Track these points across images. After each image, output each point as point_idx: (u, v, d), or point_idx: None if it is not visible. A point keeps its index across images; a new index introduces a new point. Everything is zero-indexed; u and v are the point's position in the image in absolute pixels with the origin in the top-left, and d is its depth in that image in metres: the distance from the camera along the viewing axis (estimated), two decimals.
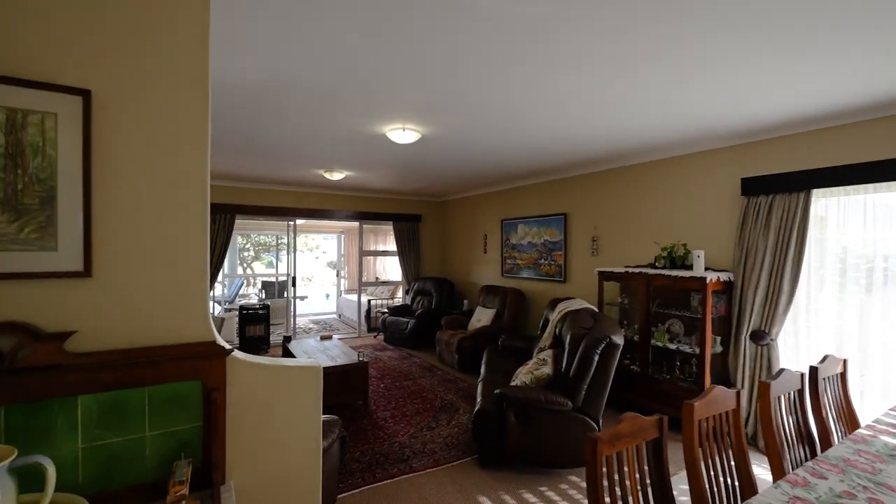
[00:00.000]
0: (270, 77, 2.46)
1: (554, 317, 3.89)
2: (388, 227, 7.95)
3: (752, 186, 3.40)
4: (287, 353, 4.84)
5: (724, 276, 3.46)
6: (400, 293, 9.06)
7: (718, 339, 3.57)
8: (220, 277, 10.06)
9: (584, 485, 2.80)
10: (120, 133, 1.24)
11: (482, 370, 3.99)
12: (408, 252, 7.65)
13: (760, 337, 3.30)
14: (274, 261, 12.74)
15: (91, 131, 1.20)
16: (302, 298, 13.45)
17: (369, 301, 8.16)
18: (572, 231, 5.22)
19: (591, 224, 4.95)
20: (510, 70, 2.33)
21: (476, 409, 3.01)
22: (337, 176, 5.40)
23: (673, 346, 3.69)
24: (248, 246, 13.72)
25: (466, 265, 7.37)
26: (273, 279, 10.86)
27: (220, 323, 5.95)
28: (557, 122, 3.27)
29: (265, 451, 1.46)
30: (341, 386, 4.04)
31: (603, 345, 2.81)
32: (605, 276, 4.25)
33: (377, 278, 11.08)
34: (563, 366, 3.02)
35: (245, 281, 12.34)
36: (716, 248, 3.73)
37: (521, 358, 4.37)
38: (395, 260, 7.89)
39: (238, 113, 3.10)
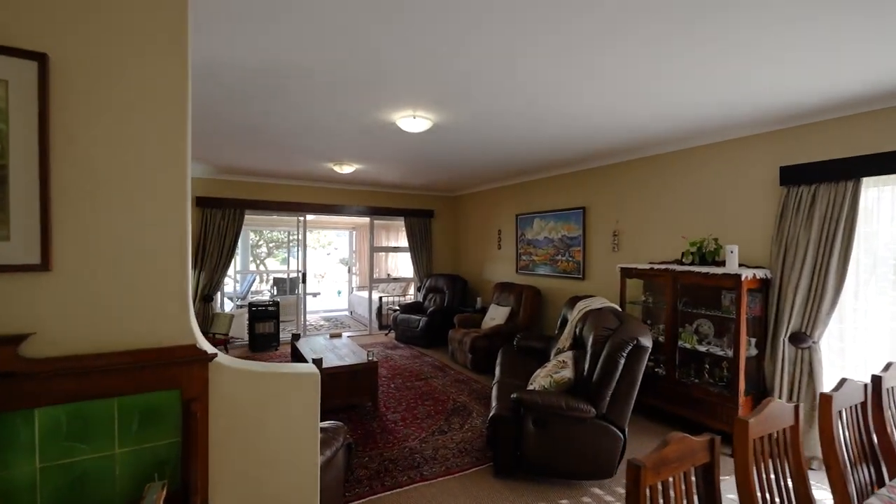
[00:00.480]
0: (271, 57, 2.29)
1: (573, 316, 3.66)
2: (400, 223, 7.79)
3: (793, 175, 3.13)
4: (295, 351, 4.71)
5: (760, 273, 3.19)
6: (412, 290, 8.90)
7: (753, 341, 3.31)
8: (231, 273, 10.06)
9: (608, 499, 2.59)
10: (83, 104, 1.07)
11: (497, 371, 3.79)
12: (419, 248, 7.48)
13: (801, 339, 3.03)
14: (287, 257, 12.72)
15: (48, 102, 1.04)
16: (315, 295, 13.42)
17: (381, 298, 8.02)
18: (592, 226, 4.98)
19: (612, 218, 4.70)
20: (532, 48, 2.12)
21: (491, 414, 2.82)
22: (347, 169, 5.24)
23: (702, 348, 3.44)
24: (260, 242, 13.73)
25: (480, 262, 7.16)
26: (285, 276, 10.82)
27: (229, 319, 5.87)
28: (580, 109, 3.04)
29: (255, 470, 1.29)
30: (350, 386, 3.88)
31: (630, 347, 2.58)
32: (627, 273, 4.01)
33: (389, 275, 10.94)
34: (585, 369, 2.80)
35: (258, 277, 12.36)
36: (750, 243, 3.46)
37: (537, 359, 4.16)
38: (407, 256, 7.72)
39: (240, 99, 2.95)
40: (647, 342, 2.61)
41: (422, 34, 2.01)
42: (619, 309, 3.53)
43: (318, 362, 3.79)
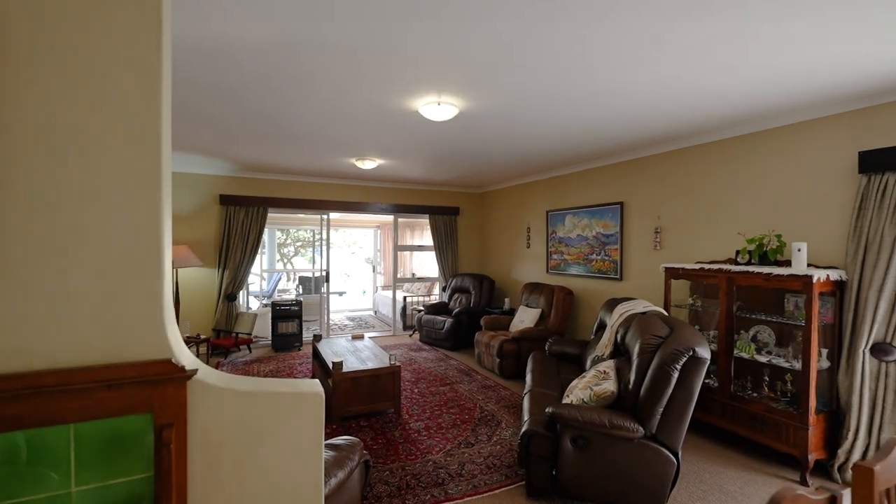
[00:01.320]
0: (285, 32, 2.09)
1: (613, 320, 3.33)
2: (425, 221, 7.58)
3: (875, 161, 2.70)
4: (316, 353, 4.56)
5: (834, 275, 2.78)
6: (437, 290, 8.68)
7: (825, 352, 2.90)
8: (257, 271, 10.12)
9: None
10: (13, 53, 0.87)
11: (528, 379, 3.50)
12: (445, 247, 7.24)
13: (886, 352, 2.61)
14: (313, 256, 12.76)
15: None
16: (340, 294, 13.42)
17: (405, 298, 7.83)
18: (630, 222, 4.61)
19: (654, 214, 4.32)
20: (579, 7, 1.83)
21: (523, 429, 2.54)
22: (369, 164, 5.05)
23: (762, 359, 3.05)
24: (288, 241, 13.83)
25: (508, 261, 6.86)
26: (310, 274, 10.82)
27: (253, 319, 5.79)
28: (630, 87, 2.72)
29: None
30: (371, 392, 3.68)
31: (684, 358, 2.25)
32: (673, 274, 3.64)
33: (413, 274, 10.76)
34: (631, 382, 2.48)
35: (285, 276, 12.45)
36: (819, 240, 3.04)
37: (571, 366, 3.85)
38: (432, 255, 7.50)
39: (257, 83, 2.78)
40: (704, 353, 2.27)
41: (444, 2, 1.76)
42: (666, 313, 3.18)
43: (338, 366, 3.61)
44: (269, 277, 10.88)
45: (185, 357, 1.04)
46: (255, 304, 8.93)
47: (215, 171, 5.73)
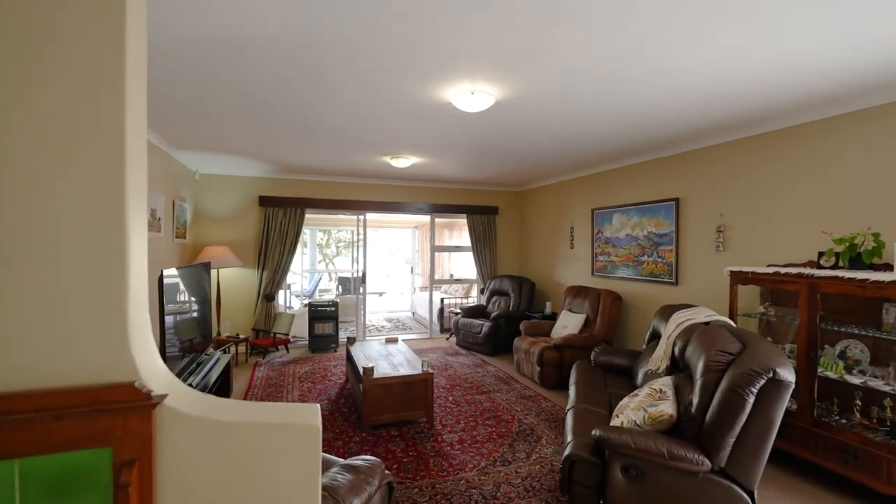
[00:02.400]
0: (302, 28, 1.94)
1: (669, 330, 2.97)
2: (463, 221, 7.37)
3: None
4: (349, 356, 4.46)
5: None
6: (475, 292, 8.44)
7: None
8: (298, 270, 10.31)
9: None
10: None
11: (571, 393, 3.20)
12: (483, 248, 6.99)
13: None
14: (352, 256, 12.89)
15: None
16: (380, 294, 13.49)
17: (442, 300, 7.65)
18: (687, 220, 4.16)
19: (715, 211, 3.87)
20: None
21: (566, 452, 2.26)
22: (403, 163, 4.91)
23: (854, 379, 2.58)
24: (330, 242, 14.07)
25: (549, 262, 6.51)
26: (349, 275, 10.90)
27: (290, 319, 5.82)
28: (695, 65, 2.38)
29: None
30: (403, 400, 3.51)
31: (762, 381, 1.89)
32: (740, 279, 3.20)
33: (451, 275, 10.58)
34: (694, 404, 2.14)
35: (328, 276, 12.66)
36: None
37: (620, 379, 3.49)
38: (470, 256, 7.27)
39: (275, 80, 2.67)
40: (788, 376, 1.90)
41: None
42: (733, 324, 2.78)
43: (368, 372, 3.47)
44: (310, 277, 11.08)
45: (158, 379, 0.88)
46: (296, 304, 9.09)
47: (255, 173, 5.81)
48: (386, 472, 1.92)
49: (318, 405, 1.03)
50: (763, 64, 2.34)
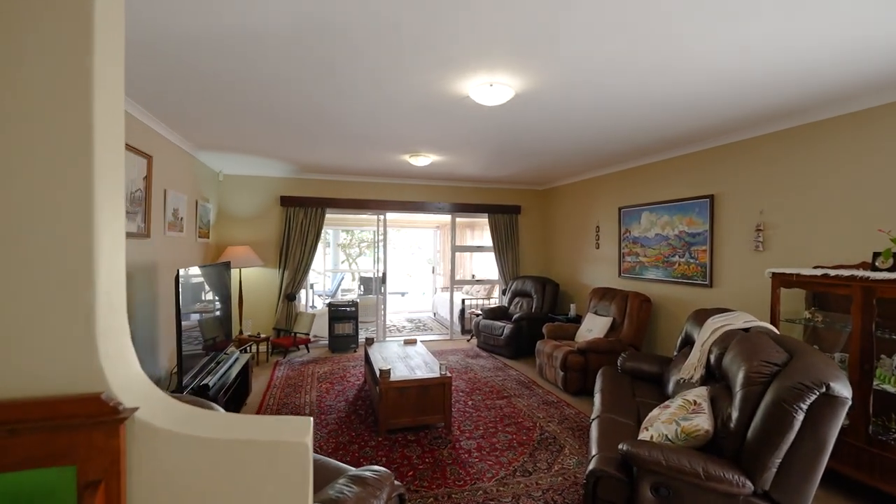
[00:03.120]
0: (311, 23, 1.87)
1: (704, 337, 2.76)
2: (484, 221, 7.23)
3: None
4: (367, 357, 4.40)
5: None
6: (496, 292, 8.28)
7: None
8: (320, 270, 10.39)
9: None
10: None
11: (596, 401, 3.02)
12: (504, 248, 6.83)
13: None
14: (374, 256, 12.92)
15: None
16: (402, 294, 13.48)
17: (463, 301, 7.53)
18: (722, 218, 3.91)
19: (754, 208, 3.61)
20: None
21: (590, 467, 2.11)
22: (422, 161, 4.82)
23: None
24: (352, 242, 14.17)
25: (573, 263, 6.29)
26: (371, 275, 10.92)
27: (311, 319, 5.82)
28: (729, 48, 2.19)
29: None
30: (420, 404, 3.41)
31: (813, 397, 1.69)
32: (783, 281, 2.96)
33: (473, 276, 10.45)
34: (733, 419, 1.95)
35: (350, 275, 12.74)
36: None
37: (649, 387, 3.29)
38: (492, 256, 7.13)
39: (287, 78, 2.62)
40: (843, 391, 1.69)
41: None
42: (776, 331, 2.55)
43: (385, 374, 3.39)
44: (333, 277, 11.17)
45: (132, 389, 0.80)
46: (319, 304, 9.15)
47: (276, 173, 5.84)
48: (396, 482, 1.82)
49: (311, 418, 0.93)
50: (814, 48, 2.13)
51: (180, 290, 2.86)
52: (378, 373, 3.44)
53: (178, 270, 2.80)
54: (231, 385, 3.52)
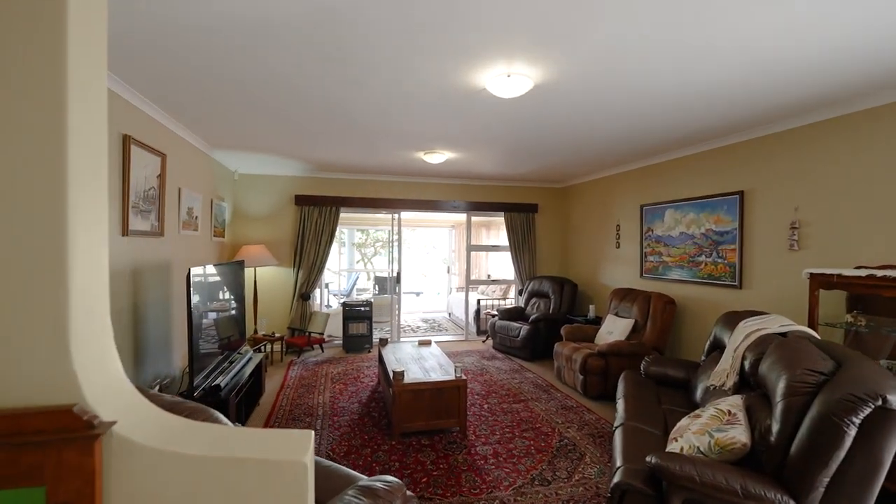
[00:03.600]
0: (321, 13, 1.79)
1: (736, 342, 2.59)
2: (501, 220, 7.09)
3: None
4: (381, 358, 4.33)
5: None
6: (512, 293, 8.13)
7: None
8: (336, 269, 10.39)
9: None
10: None
11: (619, 407, 2.87)
12: (521, 247, 6.69)
13: None
14: (389, 256, 12.90)
15: None
16: (417, 294, 13.43)
17: (478, 301, 7.41)
18: (754, 216, 3.70)
19: (789, 204, 3.40)
20: None
21: (615, 480, 1.97)
22: (437, 158, 4.72)
23: None
24: (368, 241, 14.18)
25: (592, 263, 6.11)
26: (386, 275, 10.88)
27: (325, 318, 5.79)
28: (762, 34, 2.03)
29: None
30: (434, 407, 3.32)
31: (867, 410, 1.53)
32: (822, 282, 2.76)
33: (488, 276, 10.32)
34: (773, 432, 1.80)
35: (366, 275, 12.74)
36: None
37: (675, 393, 3.12)
38: (508, 256, 6.99)
39: (297, 72, 2.55)
40: None
41: None
42: (816, 336, 2.37)
43: (398, 376, 3.30)
44: (348, 276, 11.17)
45: (113, 400, 0.71)
46: (335, 303, 9.15)
47: (291, 172, 5.82)
48: (409, 493, 1.72)
49: (312, 432, 0.84)
50: (866, 28, 1.95)
51: (192, 289, 2.82)
52: (391, 374, 3.36)
53: (189, 269, 2.76)
54: (244, 385, 3.48)
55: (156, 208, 3.31)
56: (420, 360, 3.93)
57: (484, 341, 6.67)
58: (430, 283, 14.11)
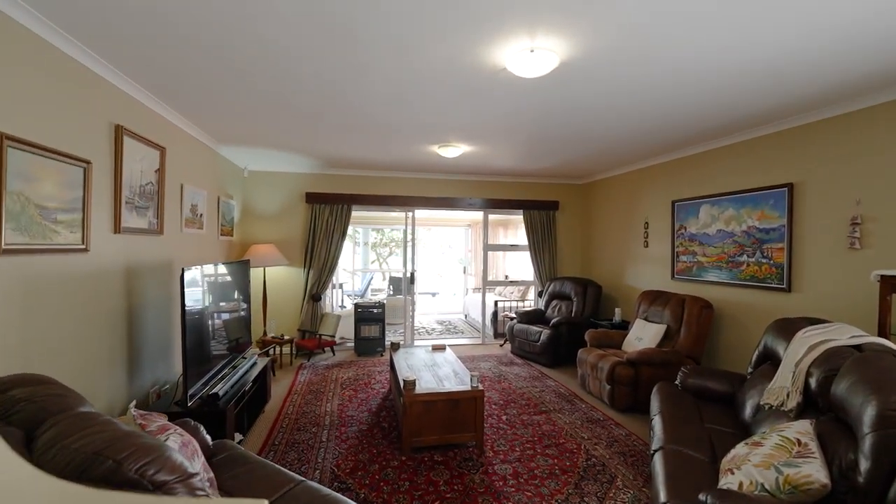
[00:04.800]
0: None
1: (797, 355, 2.24)
2: (519, 218, 6.78)
3: None
4: (392, 364, 4.08)
5: None
6: (531, 294, 7.80)
7: None
8: (350, 269, 10.22)
9: None
10: None
11: (656, 425, 2.55)
12: (541, 246, 6.36)
13: None
14: (404, 256, 12.69)
15: None
16: (433, 295, 13.19)
17: (496, 303, 7.11)
18: (805, 210, 3.32)
19: (849, 197, 3.01)
20: None
21: None
22: (452, 151, 4.45)
23: None
24: (385, 241, 14.02)
25: (618, 263, 5.75)
26: (400, 275, 10.67)
27: (336, 320, 5.57)
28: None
29: None
30: (448, 420, 3.05)
31: None
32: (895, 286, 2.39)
33: (506, 276, 9.99)
34: (862, 471, 1.46)
35: (382, 275, 12.57)
36: None
37: (720, 410, 2.78)
38: (527, 256, 6.67)
39: (299, 55, 2.31)
40: None
41: None
42: None
43: (409, 385, 3.04)
44: (362, 277, 11.00)
45: None
46: (349, 304, 8.97)
47: (301, 169, 5.64)
48: None
49: (266, 501, 0.58)
50: None
51: (187, 289, 2.62)
52: (402, 383, 3.10)
53: (182, 269, 2.55)
54: (248, 391, 3.28)
55: (154, 205, 3.13)
56: (433, 366, 3.67)
57: (501, 345, 6.37)
58: (447, 284, 13.85)
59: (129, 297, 2.82)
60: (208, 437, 2.05)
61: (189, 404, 2.57)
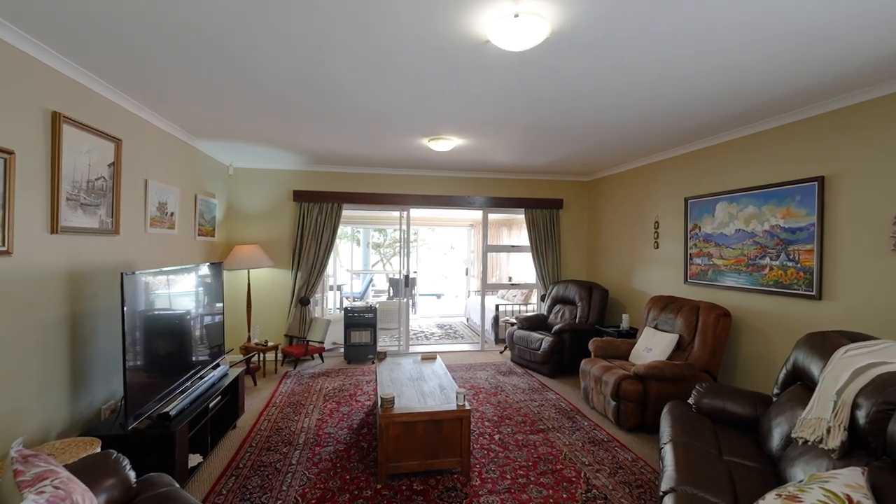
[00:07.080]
0: None
1: (840, 380, 1.86)
2: (522, 218, 6.42)
3: None
4: (376, 379, 3.75)
5: None
6: (534, 297, 7.42)
7: None
8: (340, 269, 9.91)
9: None
10: None
11: (667, 458, 2.18)
12: (544, 247, 5.99)
13: None
14: (400, 258, 12.36)
15: None
16: (438, 296, 12.86)
17: (497, 306, 6.75)
18: (838, 208, 2.91)
19: (890, 192, 2.61)
20: None
21: None
22: (444, 145, 4.11)
23: None
24: (386, 242, 13.73)
25: (626, 266, 5.35)
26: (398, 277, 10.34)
27: (325, 325, 5.27)
28: None
29: None
30: (430, 443, 2.71)
31: None
32: None
33: (510, 279, 9.61)
34: None
35: (384, 277, 12.27)
36: None
37: (740, 438, 2.40)
38: (529, 257, 6.29)
39: (251, 23, 1.99)
40: None
41: None
42: None
43: (387, 403, 2.72)
44: (362, 278, 10.70)
45: None
46: (348, 305, 8.67)
47: (288, 166, 5.34)
48: None
49: None
50: None
51: (127, 296, 2.32)
52: (380, 401, 2.77)
53: (122, 273, 2.25)
54: (213, 407, 2.98)
55: (107, 202, 2.84)
56: (419, 380, 3.33)
57: (502, 352, 6.01)
58: (450, 286, 13.50)
59: (72, 304, 2.53)
60: (132, 474, 1.74)
61: (130, 427, 2.27)
